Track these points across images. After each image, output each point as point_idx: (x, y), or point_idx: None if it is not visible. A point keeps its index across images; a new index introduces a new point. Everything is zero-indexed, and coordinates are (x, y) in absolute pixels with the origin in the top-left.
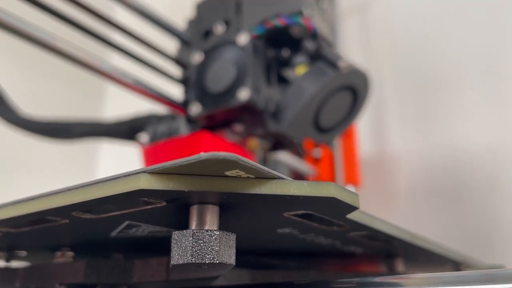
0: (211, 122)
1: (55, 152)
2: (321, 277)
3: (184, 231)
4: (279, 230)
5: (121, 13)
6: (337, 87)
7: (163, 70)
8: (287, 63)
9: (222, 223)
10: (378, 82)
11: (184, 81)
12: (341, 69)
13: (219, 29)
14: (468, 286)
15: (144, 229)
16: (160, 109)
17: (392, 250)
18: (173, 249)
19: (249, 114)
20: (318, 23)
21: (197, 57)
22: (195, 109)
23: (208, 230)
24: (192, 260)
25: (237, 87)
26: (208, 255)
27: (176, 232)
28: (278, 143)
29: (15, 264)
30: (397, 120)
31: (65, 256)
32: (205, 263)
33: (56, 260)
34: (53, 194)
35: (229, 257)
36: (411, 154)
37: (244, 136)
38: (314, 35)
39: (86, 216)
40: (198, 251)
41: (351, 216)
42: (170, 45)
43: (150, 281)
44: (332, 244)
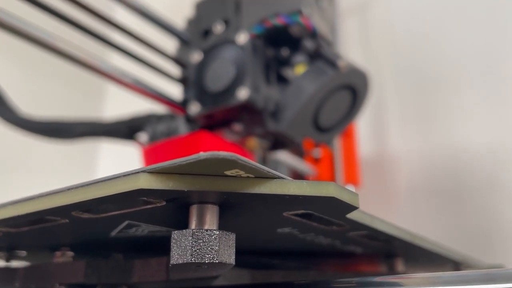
0: (210, 121)
1: (55, 152)
2: (321, 277)
3: (184, 230)
4: (279, 230)
5: (120, 13)
6: (336, 86)
7: (162, 69)
8: (286, 63)
9: (222, 223)
10: (378, 82)
11: (183, 81)
12: (340, 68)
13: (219, 28)
14: (468, 285)
15: (144, 229)
16: (159, 108)
17: (392, 250)
18: (172, 249)
19: (248, 113)
20: (318, 22)
21: (196, 56)
22: (194, 108)
23: (207, 229)
24: (191, 260)
25: (236, 87)
26: (207, 254)
27: (176, 231)
28: (278, 142)
29: (15, 264)
30: (397, 120)
31: (65, 256)
32: (204, 263)
33: (56, 260)
34: (53, 193)
35: (229, 257)
36: (411, 154)
37: (243, 135)
38: (313, 34)
39: (86, 215)
40: (198, 250)
41: (351, 215)
42: (170, 44)
43: (150, 281)
44: (332, 244)
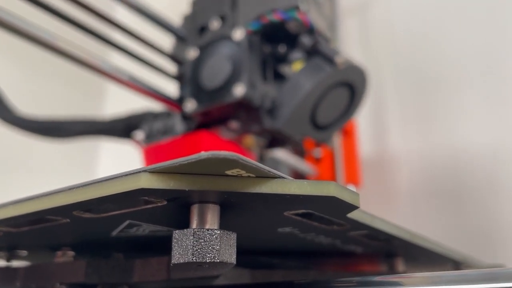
0: (207, 118)
1: (55, 152)
2: (322, 277)
3: (185, 230)
4: (280, 229)
5: (115, 10)
6: (334, 83)
7: (158, 66)
8: (283, 59)
9: (223, 222)
10: (378, 82)
11: (179, 78)
12: (338, 64)
13: (215, 24)
14: (469, 285)
15: (145, 229)
16: (157, 107)
17: (392, 250)
18: (174, 248)
19: (245, 110)
20: (315, 18)
21: (192, 53)
22: (190, 105)
23: (209, 229)
24: (193, 259)
25: (232, 83)
26: (209, 254)
27: (177, 231)
28: (275, 140)
29: (15, 263)
30: (397, 120)
31: (66, 256)
32: (205, 262)
33: (56, 260)
34: (53, 193)
35: (230, 256)
36: (411, 154)
37: (240, 133)
38: (310, 30)
39: (87, 215)
40: (199, 250)
41: (352, 215)
42: (166, 41)
43: (150, 280)
44: (333, 243)
